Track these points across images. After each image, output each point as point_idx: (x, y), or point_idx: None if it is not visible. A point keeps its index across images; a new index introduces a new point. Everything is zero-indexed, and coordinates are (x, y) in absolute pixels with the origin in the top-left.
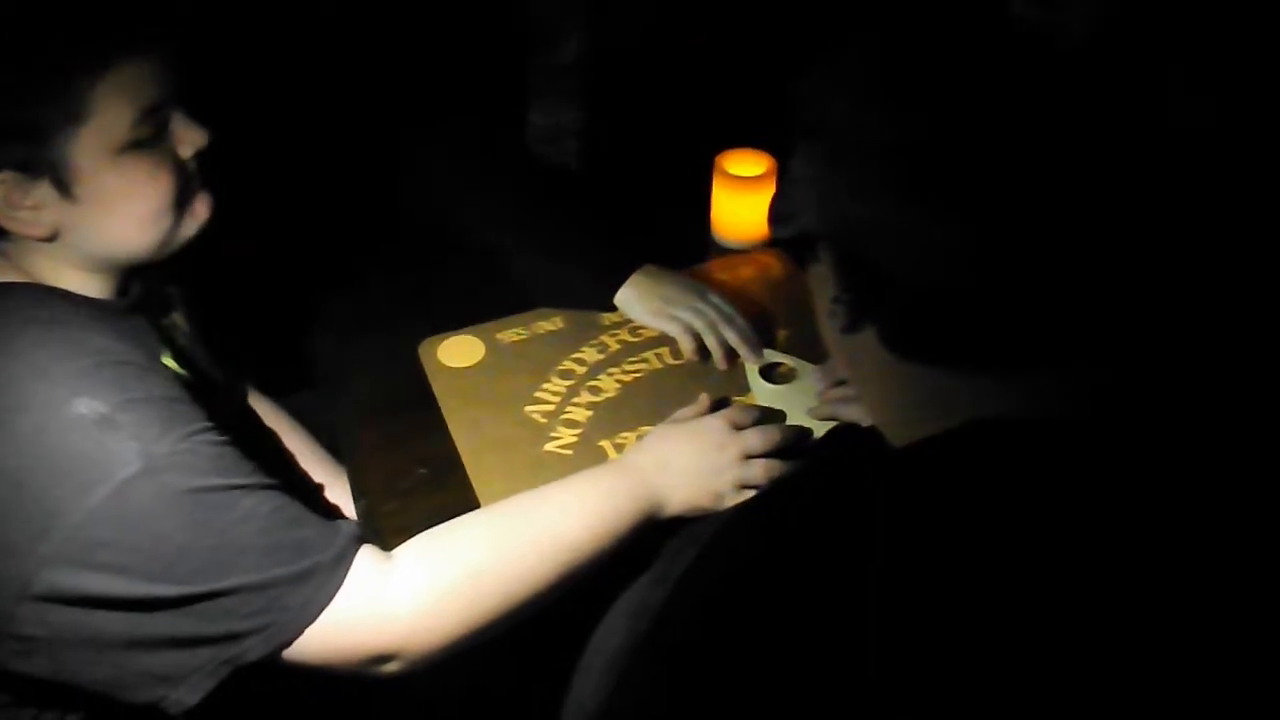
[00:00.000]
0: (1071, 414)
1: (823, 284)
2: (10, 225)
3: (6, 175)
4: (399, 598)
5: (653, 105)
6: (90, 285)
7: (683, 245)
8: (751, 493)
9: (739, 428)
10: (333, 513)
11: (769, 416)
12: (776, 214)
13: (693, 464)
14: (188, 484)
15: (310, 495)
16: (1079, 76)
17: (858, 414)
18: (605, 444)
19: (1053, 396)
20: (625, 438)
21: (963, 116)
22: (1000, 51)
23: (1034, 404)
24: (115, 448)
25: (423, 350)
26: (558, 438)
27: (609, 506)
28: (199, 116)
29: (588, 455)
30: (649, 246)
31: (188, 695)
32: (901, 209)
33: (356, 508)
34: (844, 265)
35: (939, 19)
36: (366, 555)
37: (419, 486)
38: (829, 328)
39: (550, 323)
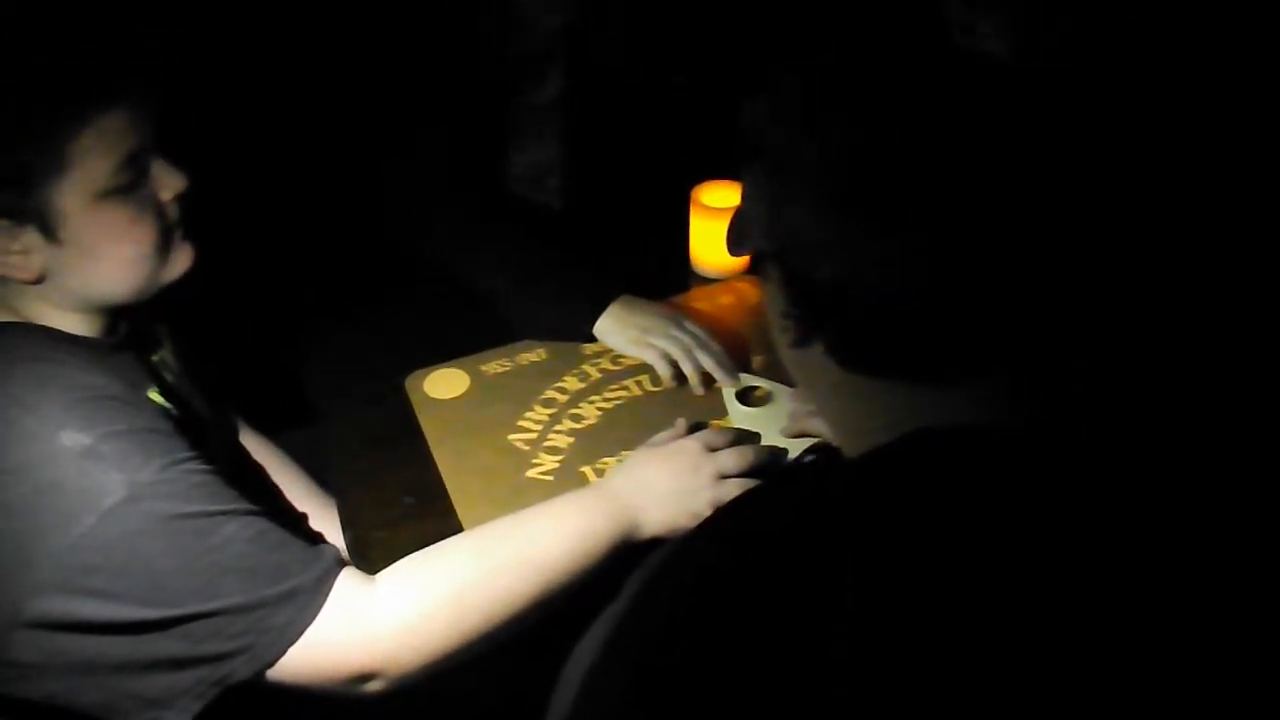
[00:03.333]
0: (1016, 421)
1: (776, 301)
2: (0, 268)
3: None
4: (381, 617)
5: (631, 141)
6: (78, 324)
7: (664, 276)
8: None
9: (714, 449)
10: (319, 540)
11: (744, 438)
12: (731, 235)
13: (668, 485)
14: (171, 510)
15: (297, 524)
16: (1010, 93)
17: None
18: (586, 469)
19: (997, 404)
20: (606, 463)
21: (898, 131)
22: (933, 69)
23: (980, 412)
24: (100, 477)
25: (409, 383)
26: (539, 464)
27: (586, 528)
28: (178, 161)
29: (569, 481)
30: (632, 278)
31: (177, 718)
32: (839, 224)
33: (345, 537)
34: (790, 281)
35: (873, 40)
36: (348, 576)
37: (406, 515)
38: (782, 343)
39: (533, 354)
